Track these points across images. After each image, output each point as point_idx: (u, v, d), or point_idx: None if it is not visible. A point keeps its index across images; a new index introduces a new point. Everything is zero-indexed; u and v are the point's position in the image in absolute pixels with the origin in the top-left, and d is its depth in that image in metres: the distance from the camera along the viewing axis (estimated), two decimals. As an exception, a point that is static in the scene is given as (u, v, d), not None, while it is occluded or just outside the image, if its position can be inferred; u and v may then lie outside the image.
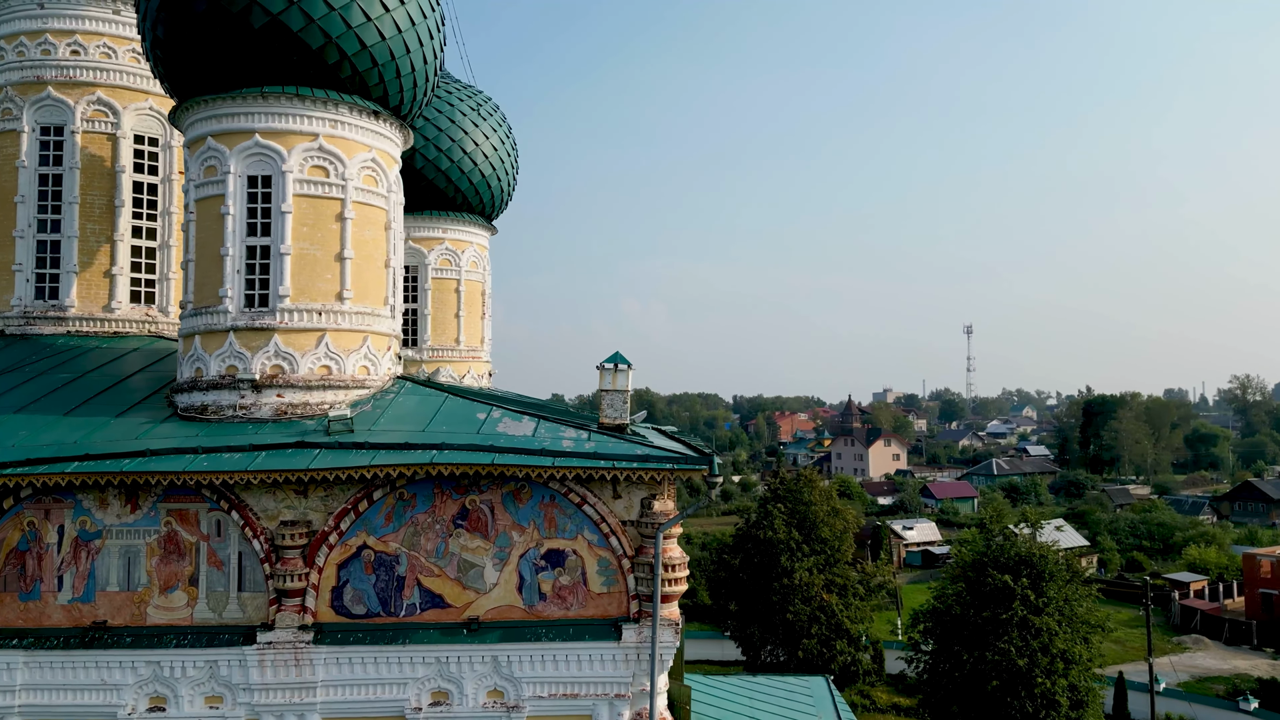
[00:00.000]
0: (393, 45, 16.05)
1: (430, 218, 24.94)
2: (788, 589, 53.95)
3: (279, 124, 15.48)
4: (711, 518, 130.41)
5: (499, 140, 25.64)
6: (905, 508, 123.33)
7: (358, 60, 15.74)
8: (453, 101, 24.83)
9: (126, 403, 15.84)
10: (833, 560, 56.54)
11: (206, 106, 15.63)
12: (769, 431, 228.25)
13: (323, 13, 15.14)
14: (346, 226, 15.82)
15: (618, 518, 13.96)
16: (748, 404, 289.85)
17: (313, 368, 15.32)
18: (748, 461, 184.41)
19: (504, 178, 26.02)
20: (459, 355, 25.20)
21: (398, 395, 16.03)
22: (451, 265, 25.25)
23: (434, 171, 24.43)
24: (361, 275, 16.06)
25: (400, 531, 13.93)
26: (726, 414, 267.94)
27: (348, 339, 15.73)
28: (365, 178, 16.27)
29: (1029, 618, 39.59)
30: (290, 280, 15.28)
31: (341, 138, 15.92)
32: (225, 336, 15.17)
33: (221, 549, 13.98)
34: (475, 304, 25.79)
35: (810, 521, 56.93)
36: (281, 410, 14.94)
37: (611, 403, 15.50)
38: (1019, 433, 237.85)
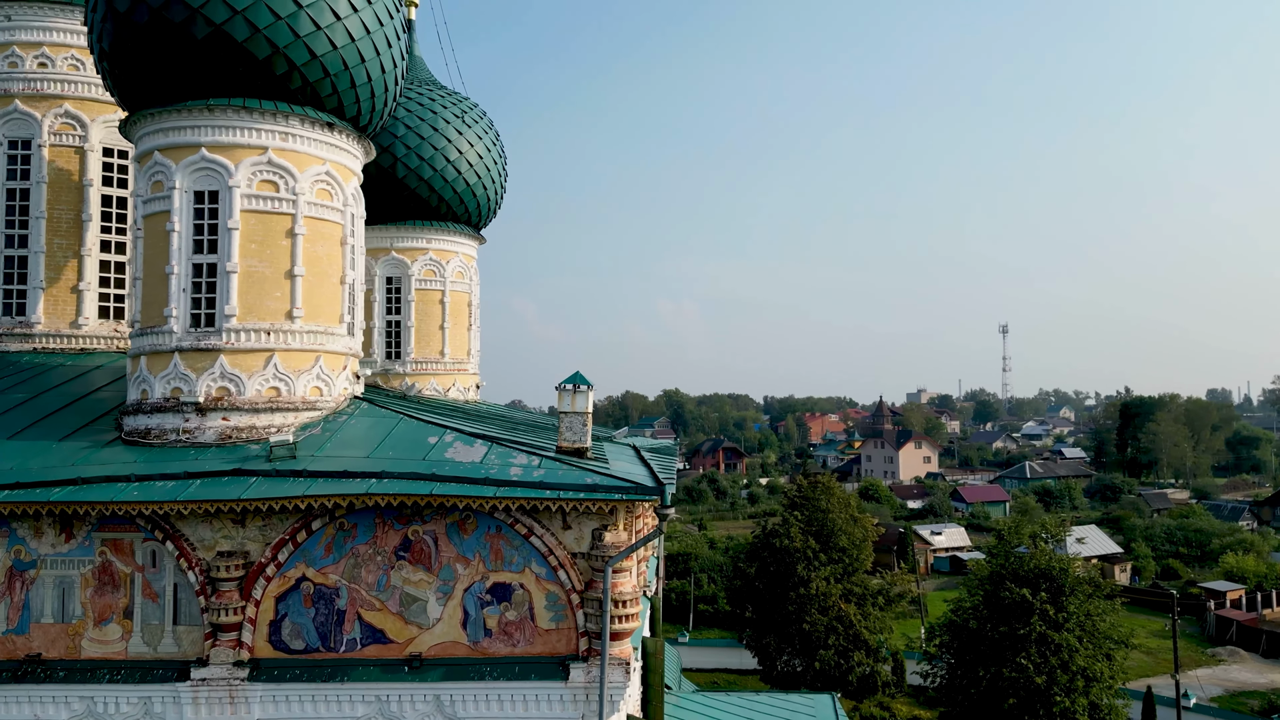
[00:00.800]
0: (345, 54, 15.48)
1: (413, 228, 24.41)
2: (804, 598, 52.91)
3: (226, 137, 14.96)
4: (738, 520, 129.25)
5: (485, 148, 25.05)
6: (935, 512, 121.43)
7: (308, 70, 15.18)
8: (436, 109, 24.27)
9: (76, 424, 15.43)
10: (851, 569, 55.41)
11: (153, 120, 15.16)
12: (799, 433, 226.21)
13: (268, 22, 14.60)
14: (297, 243, 15.27)
15: (567, 550, 13.24)
16: (778, 405, 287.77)
17: (260, 390, 14.78)
18: (776, 463, 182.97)
19: (490, 186, 25.43)
20: (443, 368, 24.65)
21: (351, 417, 15.45)
22: (436, 276, 24.70)
23: (416, 180, 23.89)
24: (314, 293, 15.50)
25: (340, 563, 13.33)
26: (757, 415, 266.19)
27: (298, 359, 15.18)
28: (319, 192, 15.72)
29: (1048, 634, 38.32)
30: (237, 299, 14.75)
31: (293, 151, 15.37)
32: (170, 358, 14.68)
33: (156, 580, 13.48)
34: (461, 315, 25.21)
35: (828, 530, 55.82)
36: (226, 434, 14.42)
37: (570, 425, 14.80)
38: (1055, 434, 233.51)
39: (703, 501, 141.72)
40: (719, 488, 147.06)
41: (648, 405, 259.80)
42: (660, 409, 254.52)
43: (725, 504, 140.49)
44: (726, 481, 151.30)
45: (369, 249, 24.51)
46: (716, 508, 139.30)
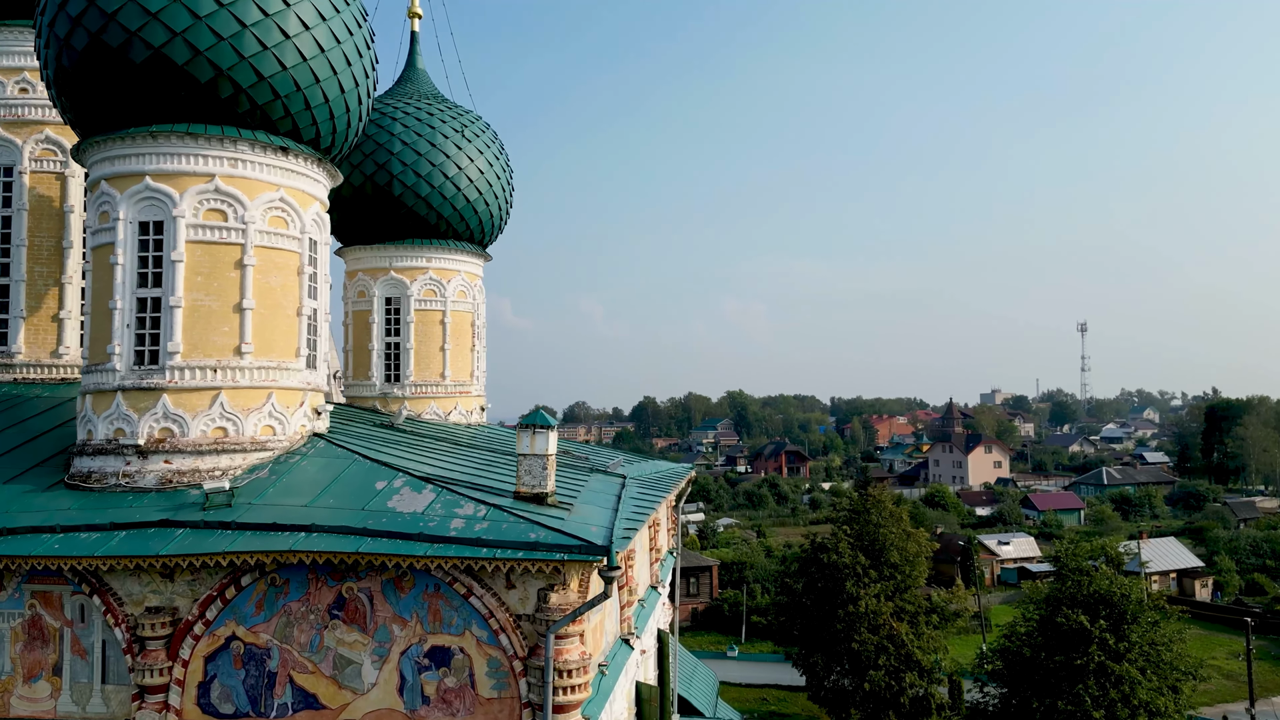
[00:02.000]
0: (297, 75, 14.65)
1: (412, 246, 23.62)
2: (853, 616, 50.92)
3: (170, 165, 14.26)
4: (798, 526, 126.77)
5: (487, 162, 24.14)
6: (1004, 520, 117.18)
7: (256, 93, 14.39)
8: (434, 124, 23.44)
9: (30, 464, 14.92)
10: (903, 586, 53.18)
11: (99, 148, 14.56)
12: (865, 436, 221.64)
13: (210, 43, 13.84)
14: (247, 274, 14.49)
15: (510, 611, 12.12)
16: (845, 406, 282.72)
17: (205, 430, 14.04)
18: (841, 467, 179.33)
19: (494, 201, 24.51)
20: (444, 391, 23.80)
21: (304, 458, 14.61)
22: (436, 296, 23.87)
23: (413, 198, 23.10)
24: (267, 326, 14.71)
25: (272, 621, 12.45)
26: (823, 417, 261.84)
27: (247, 397, 14.40)
28: (272, 220, 14.93)
29: (1107, 664, 35.84)
30: (182, 335, 14.04)
31: (242, 177, 14.60)
32: (113, 397, 14.04)
33: (85, 636, 12.80)
34: (463, 336, 24.34)
35: (879, 545, 53.70)
36: (167, 479, 13.70)
37: (530, 469, 13.69)
38: (1136, 437, 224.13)
39: (762, 507, 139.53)
40: (780, 492, 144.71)
41: (711, 407, 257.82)
42: (724, 410, 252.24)
43: (785, 510, 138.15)
44: (788, 486, 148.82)
45: (367, 269, 23.85)
46: (777, 513, 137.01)
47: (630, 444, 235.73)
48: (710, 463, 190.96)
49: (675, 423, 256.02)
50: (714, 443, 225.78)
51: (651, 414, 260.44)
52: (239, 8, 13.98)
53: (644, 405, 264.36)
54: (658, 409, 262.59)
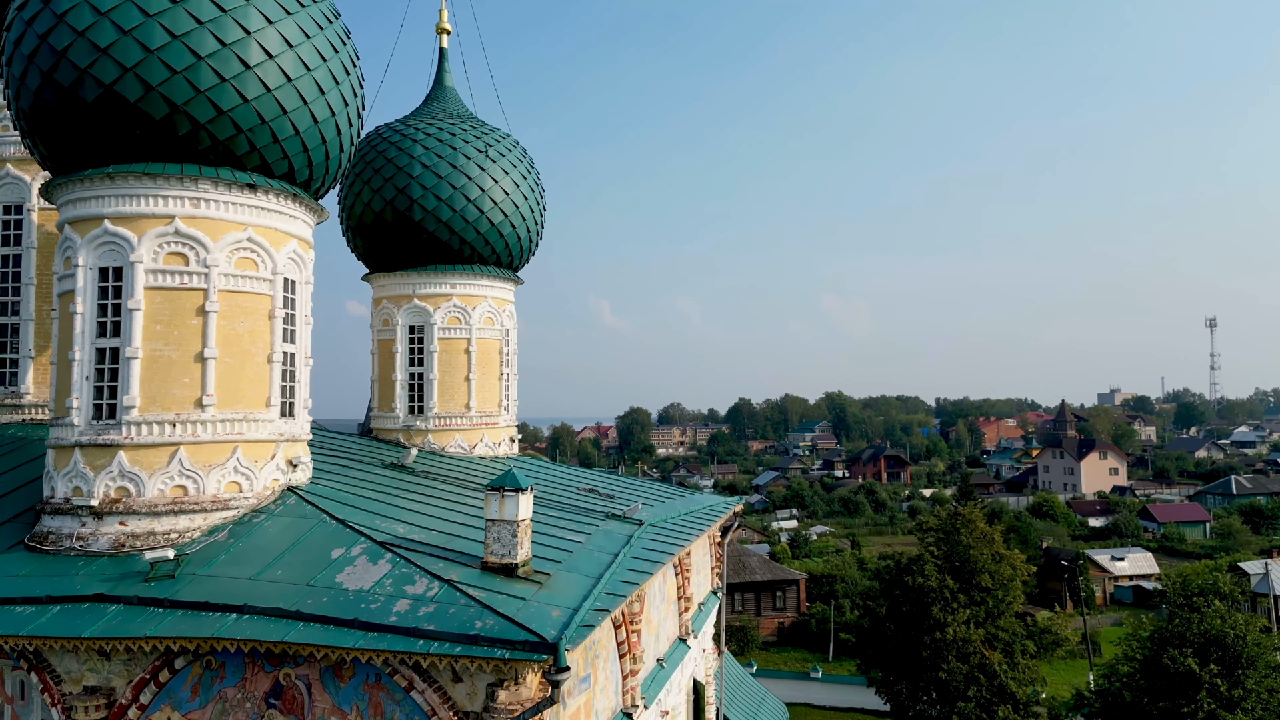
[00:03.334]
0: (261, 107, 13.69)
1: (435, 273, 22.66)
2: (940, 644, 47.95)
3: (129, 207, 13.49)
4: (896, 536, 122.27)
5: (514, 181, 22.99)
6: (1119, 532, 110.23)
7: (215, 129, 13.49)
8: (456, 144, 22.41)
9: (7, 515, 14.41)
10: (996, 612, 49.85)
11: (63, 190, 13.93)
12: (970, 439, 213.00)
13: (163, 77, 12.99)
14: (210, 321, 13.60)
15: (456, 709, 10.77)
16: (950, 407, 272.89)
17: (163, 489, 13.20)
18: (944, 473, 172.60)
19: (522, 222, 23.34)
20: (469, 423, 22.74)
21: (270, 517, 13.62)
22: (461, 324, 22.83)
23: (434, 223, 22.12)
24: (232, 375, 13.80)
25: (208, 708, 11.45)
26: (926, 419, 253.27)
27: (209, 452, 13.51)
28: (239, 261, 14.01)
29: (1219, 713, 32.31)
30: (139, 388, 13.23)
31: (205, 218, 13.73)
32: (71, 453, 13.35)
33: (26, 715, 12.10)
34: (490, 364, 23.24)
35: (969, 568, 50.48)
36: (119, 543, 12.91)
37: (498, 536, 12.34)
38: (1271, 442, 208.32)
39: (858, 514, 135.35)
40: (877, 499, 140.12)
41: (808, 409, 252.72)
42: (822, 412, 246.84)
43: (883, 518, 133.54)
44: (886, 493, 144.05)
45: (391, 296, 23.01)
46: (873, 521, 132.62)
47: (725, 446, 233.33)
48: (806, 467, 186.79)
49: (771, 425, 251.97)
50: (811, 446, 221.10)
51: (747, 415, 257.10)
52: (194, 39, 13.10)
53: (739, 407, 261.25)
54: (753, 410, 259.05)
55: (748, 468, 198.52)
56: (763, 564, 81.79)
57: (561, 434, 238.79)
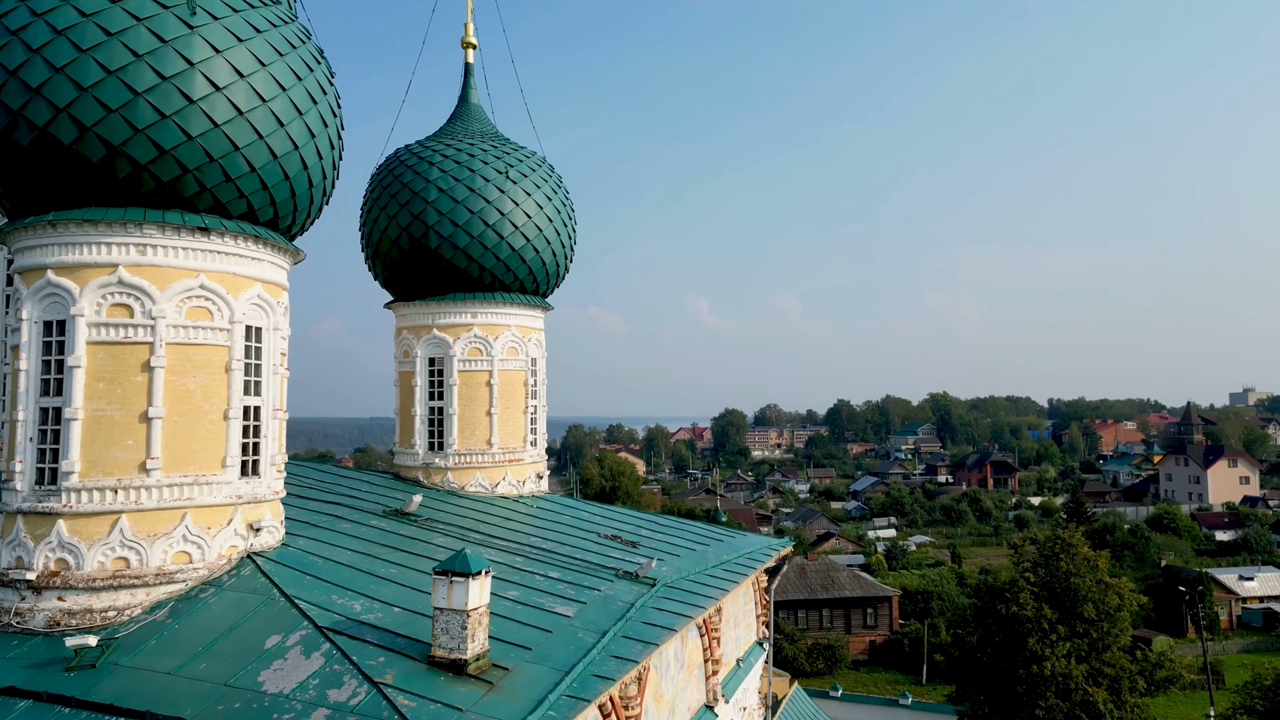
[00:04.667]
0: (209, 144, 12.59)
1: (454, 302, 21.44)
2: (1037, 679, 44.51)
3: (71, 256, 12.57)
4: (1001, 548, 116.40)
5: (537, 203, 21.57)
6: (1249, 548, 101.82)
7: (159, 169, 12.45)
8: (474, 166, 21.12)
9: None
10: (1101, 645, 45.98)
11: (12, 238, 13.14)
12: (1086, 443, 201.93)
13: (98, 117, 12.00)
14: (156, 377, 12.57)
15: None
16: (1065, 409, 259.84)
17: (103, 562, 12.22)
18: (1056, 480, 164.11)
19: (547, 246, 21.90)
20: (491, 460, 21.43)
21: (218, 592, 12.49)
22: (482, 355, 21.54)
23: (451, 250, 20.89)
24: (182, 435, 12.73)
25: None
26: (1037, 421, 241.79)
27: (154, 520, 12.47)
28: (191, 311, 12.94)
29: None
30: (79, 451, 12.29)
31: (152, 265, 12.70)
32: (15, 521, 12.51)
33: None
34: (514, 397, 21.87)
35: (1070, 596, 46.69)
36: (55, 621, 11.98)
37: (446, 627, 10.86)
38: None
39: (961, 524, 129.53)
40: (981, 508, 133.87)
41: (911, 410, 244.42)
42: (925, 414, 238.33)
43: (987, 528, 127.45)
44: (991, 501, 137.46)
45: (410, 326, 21.90)
46: (977, 531, 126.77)
47: (823, 449, 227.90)
48: (908, 472, 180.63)
49: (872, 427, 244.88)
50: (914, 449, 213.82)
51: (846, 417, 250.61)
52: (131, 73, 12.06)
53: (838, 408, 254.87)
54: (853, 412, 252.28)
55: (846, 472, 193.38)
56: (852, 579, 78.51)
57: (656, 435, 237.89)
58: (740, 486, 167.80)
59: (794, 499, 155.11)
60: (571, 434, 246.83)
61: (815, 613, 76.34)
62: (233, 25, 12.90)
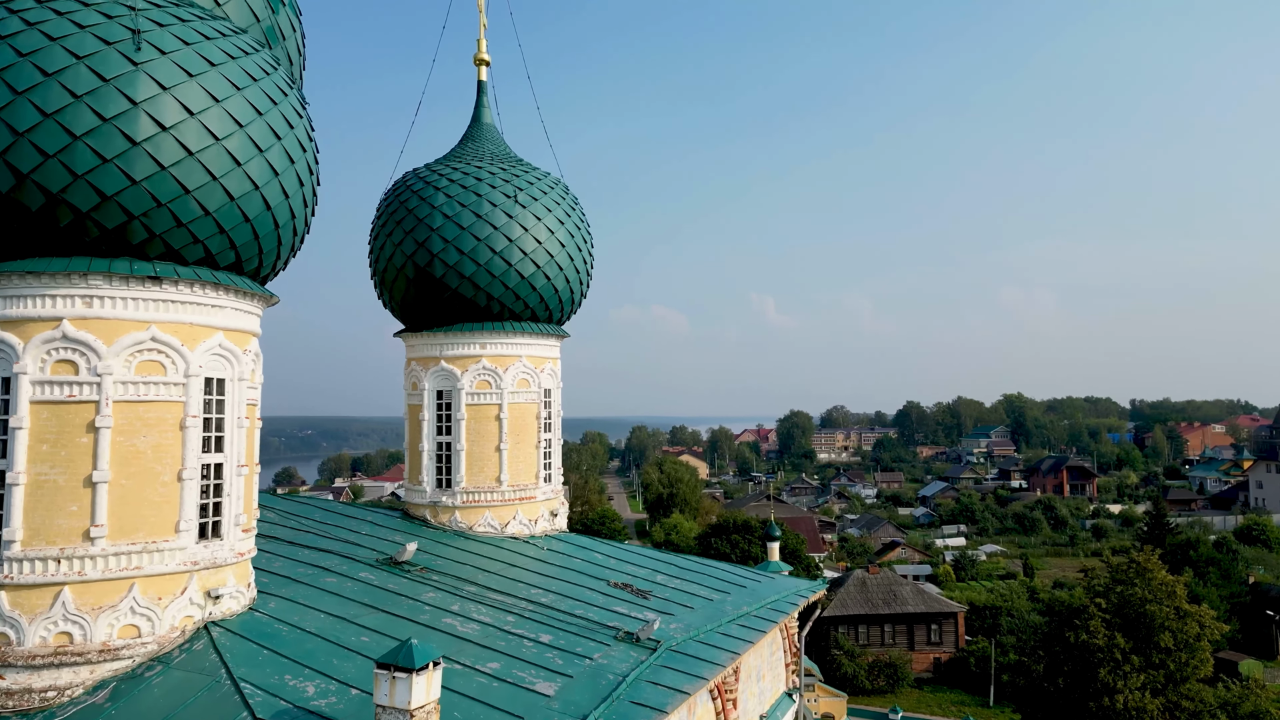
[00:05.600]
0: (156, 188, 11.75)
1: (462, 333, 20.46)
2: (1109, 712, 42.04)
3: (16, 310, 11.84)
4: (1076, 558, 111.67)
5: (548, 228, 20.48)
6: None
7: (102, 217, 11.66)
8: (481, 190, 20.12)
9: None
10: (1179, 677, 43.14)
11: (-38, 291, 12.46)
12: (1170, 447, 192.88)
13: (34, 163, 11.29)
14: (102, 438, 11.77)
15: None
16: (1148, 410, 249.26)
17: (45, 637, 11.46)
18: (1137, 486, 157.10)
19: (560, 272, 20.79)
20: (500, 498, 20.41)
21: (165, 671, 11.64)
22: (491, 388, 20.52)
23: (457, 279, 19.93)
24: (131, 499, 11.92)
25: None
26: (1118, 423, 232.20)
27: (98, 592, 11.68)
28: (142, 366, 12.13)
29: None
30: (22, 518, 11.55)
31: (99, 318, 11.92)
32: (-41, 591, 11.83)
33: None
34: (525, 432, 20.80)
35: (1145, 624, 43.87)
36: (-9, 700, 11.25)
37: (388, 728, 9.75)
38: None
39: (1035, 532, 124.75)
40: (1056, 516, 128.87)
41: (983, 412, 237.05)
42: (998, 416, 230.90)
43: (1062, 537, 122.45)
44: (1066, 509, 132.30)
45: (419, 358, 21.01)
46: (1051, 540, 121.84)
47: (891, 452, 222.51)
48: (979, 476, 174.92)
49: (943, 429, 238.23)
50: (986, 452, 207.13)
51: (916, 419, 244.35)
52: (69, 115, 11.28)
53: (907, 410, 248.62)
54: (923, 414, 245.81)
55: (915, 476, 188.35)
56: (916, 593, 75.78)
57: (720, 437, 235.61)
58: (804, 491, 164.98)
59: (860, 505, 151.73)
60: (635, 435, 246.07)
61: (876, 628, 73.89)
62: (183, 59, 12.04)
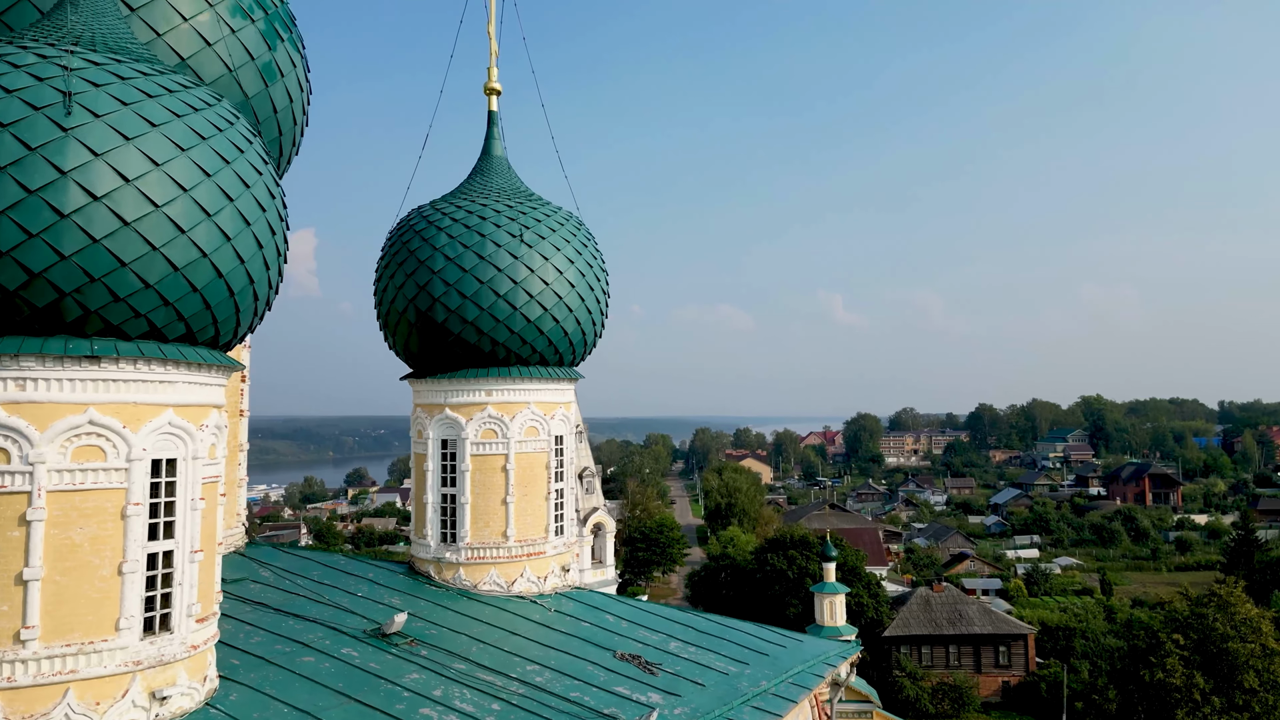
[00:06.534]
0: (88, 262, 10.94)
1: (466, 379, 19.45)
2: (1187, 757, 39.18)
3: (-55, 395, 11.10)
4: (1159, 574, 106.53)
5: (557, 267, 19.35)
6: None
7: (32, 295, 10.94)
8: (485, 230, 19.06)
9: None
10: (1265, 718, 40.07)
11: (-99, 369, 11.80)
12: (1262, 453, 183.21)
13: (-45, 240, 10.43)
14: (34, 531, 10.95)
15: None
16: (1238, 413, 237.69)
17: (-30, 750, 10.69)
18: (1225, 495, 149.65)
19: (569, 314, 19.64)
20: (507, 554, 19.33)
21: (97, 784, 10.77)
22: (497, 437, 19.45)
23: (459, 323, 18.93)
24: (65, 596, 11.09)
25: None
26: (1205, 427, 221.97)
27: (30, 699, 10.84)
28: (79, 451, 11.29)
29: None
30: (-51, 620, 10.80)
31: (33, 402, 11.09)
32: (-108, 691, 11.16)
33: None
34: (533, 483, 19.69)
35: (1227, 663, 40.90)
36: (-85, 816, 10.52)
37: None
38: None
39: (1114, 545, 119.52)
40: (1137, 527, 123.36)
41: (1060, 414, 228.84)
42: (1076, 419, 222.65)
43: (1143, 550, 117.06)
44: (1148, 519, 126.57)
45: (424, 404, 20.08)
46: (1131, 554, 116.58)
47: (962, 456, 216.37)
48: (1055, 483, 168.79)
49: (1016, 432, 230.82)
50: (1062, 457, 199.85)
51: (989, 422, 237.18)
52: (-8, 187, 10.44)
53: (980, 412, 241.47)
54: (996, 416, 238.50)
55: (987, 481, 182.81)
56: (983, 613, 72.72)
57: (784, 440, 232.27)
58: (870, 498, 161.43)
59: (928, 512, 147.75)
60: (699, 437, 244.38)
61: (941, 649, 71.13)
62: (120, 121, 11.15)
